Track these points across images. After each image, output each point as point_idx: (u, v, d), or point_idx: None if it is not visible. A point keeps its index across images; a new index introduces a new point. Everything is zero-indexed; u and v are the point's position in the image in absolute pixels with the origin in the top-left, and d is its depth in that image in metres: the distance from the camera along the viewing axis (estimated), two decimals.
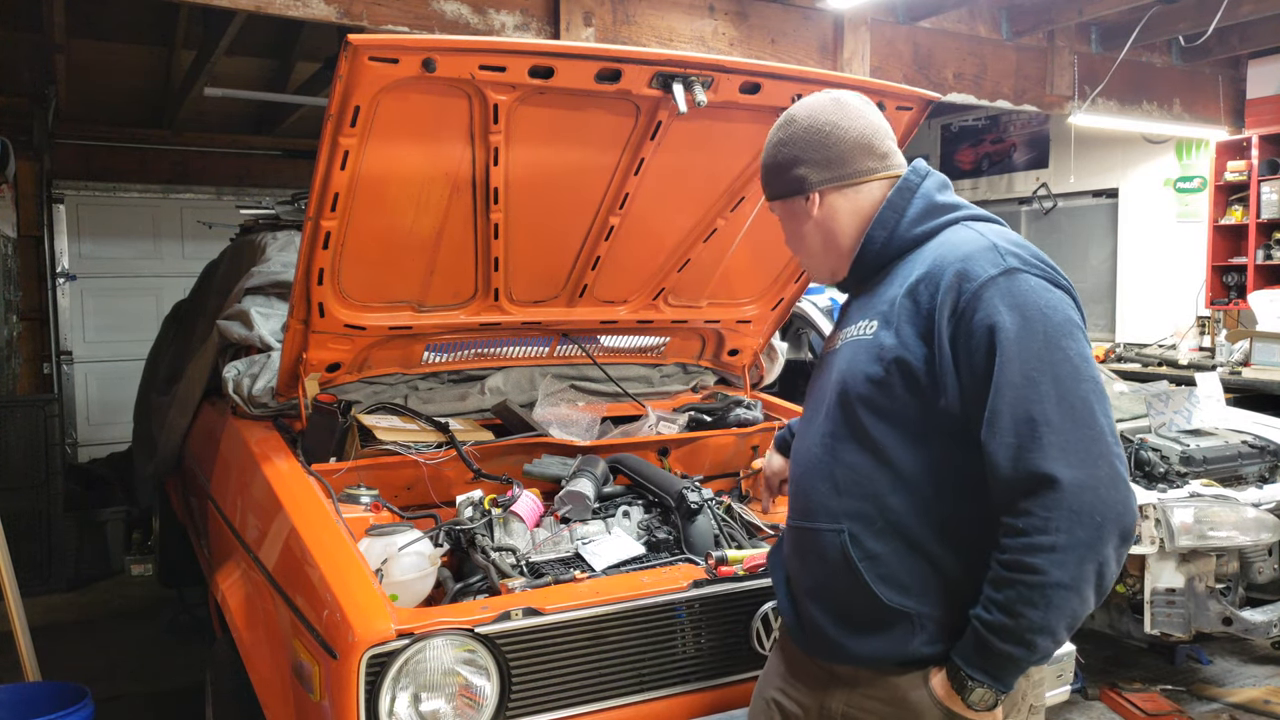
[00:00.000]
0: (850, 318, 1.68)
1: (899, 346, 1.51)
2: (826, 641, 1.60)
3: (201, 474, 3.22)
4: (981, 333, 1.44)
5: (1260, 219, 6.80)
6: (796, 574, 1.68)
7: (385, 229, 2.45)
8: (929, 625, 1.51)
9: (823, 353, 1.75)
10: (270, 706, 2.10)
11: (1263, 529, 3.50)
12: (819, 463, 1.61)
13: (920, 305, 1.51)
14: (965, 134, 9.42)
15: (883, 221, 1.64)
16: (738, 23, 5.02)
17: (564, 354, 3.22)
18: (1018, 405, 1.40)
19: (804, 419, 1.74)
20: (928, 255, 1.57)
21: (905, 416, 1.52)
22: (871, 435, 1.54)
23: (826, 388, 1.65)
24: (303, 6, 3.99)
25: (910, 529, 1.52)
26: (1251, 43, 6.50)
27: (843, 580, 1.55)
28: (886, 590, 1.52)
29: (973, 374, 1.45)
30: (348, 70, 2.01)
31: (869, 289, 1.67)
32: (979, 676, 1.44)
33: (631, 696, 2.00)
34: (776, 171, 1.73)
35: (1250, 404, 5.17)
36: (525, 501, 2.43)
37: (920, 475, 1.52)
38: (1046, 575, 1.36)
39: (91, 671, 4.02)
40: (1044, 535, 1.37)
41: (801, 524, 1.64)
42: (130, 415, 5.16)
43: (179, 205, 8.08)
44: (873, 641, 1.55)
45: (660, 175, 2.60)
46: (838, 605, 1.59)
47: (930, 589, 1.51)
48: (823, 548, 1.58)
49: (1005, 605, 1.39)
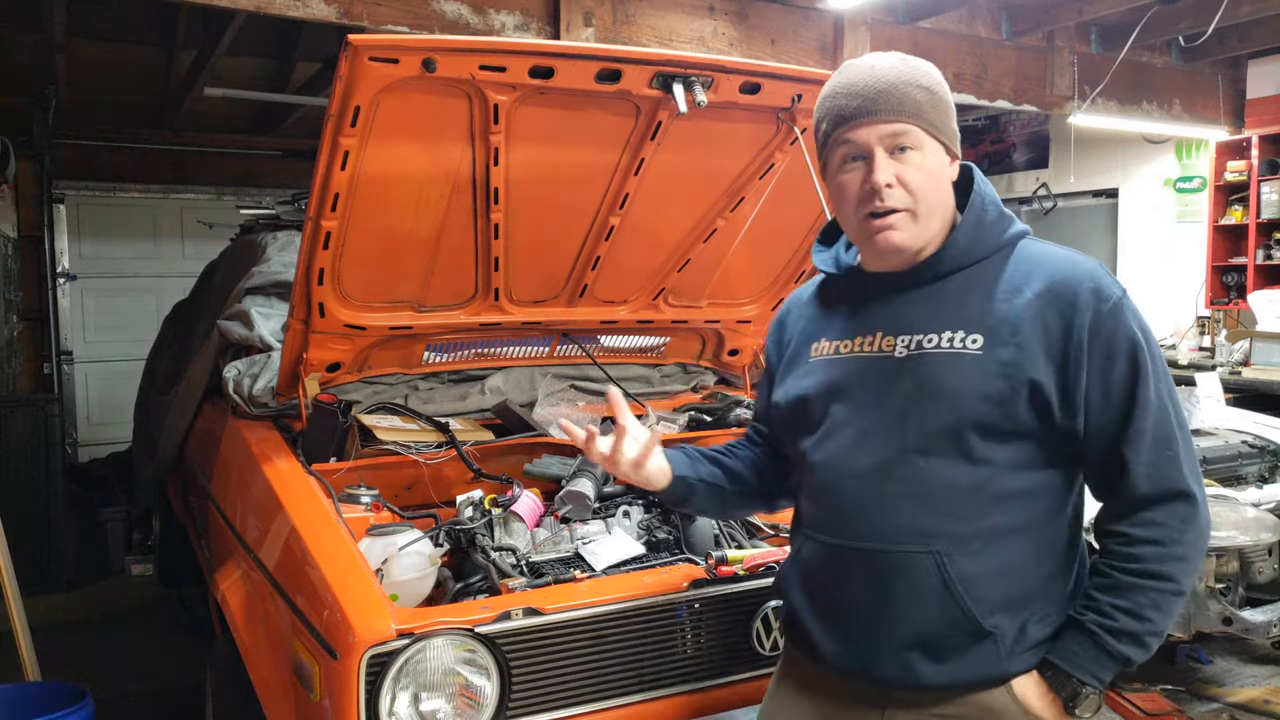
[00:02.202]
0: (909, 323, 1.53)
1: (1026, 365, 1.44)
2: (893, 666, 1.49)
3: (201, 474, 3.22)
4: (1125, 351, 1.45)
5: (1260, 219, 6.80)
6: (853, 599, 1.53)
7: (385, 229, 2.45)
8: (1007, 640, 1.48)
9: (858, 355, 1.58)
10: (270, 706, 2.10)
11: (1263, 529, 3.50)
12: (901, 481, 1.48)
13: (1049, 322, 1.45)
14: (965, 134, 9.29)
15: (979, 215, 1.54)
16: (738, 23, 5.02)
17: (564, 354, 3.22)
18: (1158, 425, 1.45)
19: (850, 430, 1.55)
20: (1031, 269, 1.50)
21: (1019, 435, 1.47)
22: (977, 454, 1.45)
23: (894, 398, 1.51)
24: (303, 6, 3.99)
25: (1005, 549, 1.48)
26: (1251, 43, 6.50)
27: (933, 604, 1.46)
28: (983, 611, 1.46)
29: (1109, 391, 1.45)
30: (348, 70, 2.01)
31: (927, 292, 1.54)
32: (1091, 681, 1.46)
33: (631, 696, 2.00)
34: (949, 112, 1.54)
35: (1250, 404, 5.17)
36: (525, 501, 2.43)
37: (1024, 494, 1.49)
38: (1177, 583, 1.45)
39: (91, 671, 4.02)
40: (1179, 546, 1.44)
41: (870, 545, 1.50)
42: (130, 415, 5.16)
43: (179, 205, 8.09)
44: (957, 664, 1.48)
45: (660, 175, 2.60)
46: (920, 629, 1.48)
47: (1012, 605, 1.49)
48: (909, 571, 1.47)
49: (1133, 610, 1.44)
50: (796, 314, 1.75)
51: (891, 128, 1.48)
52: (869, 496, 1.51)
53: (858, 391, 1.55)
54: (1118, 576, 1.45)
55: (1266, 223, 6.80)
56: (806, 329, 1.69)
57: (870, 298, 1.60)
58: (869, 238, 1.53)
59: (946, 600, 1.46)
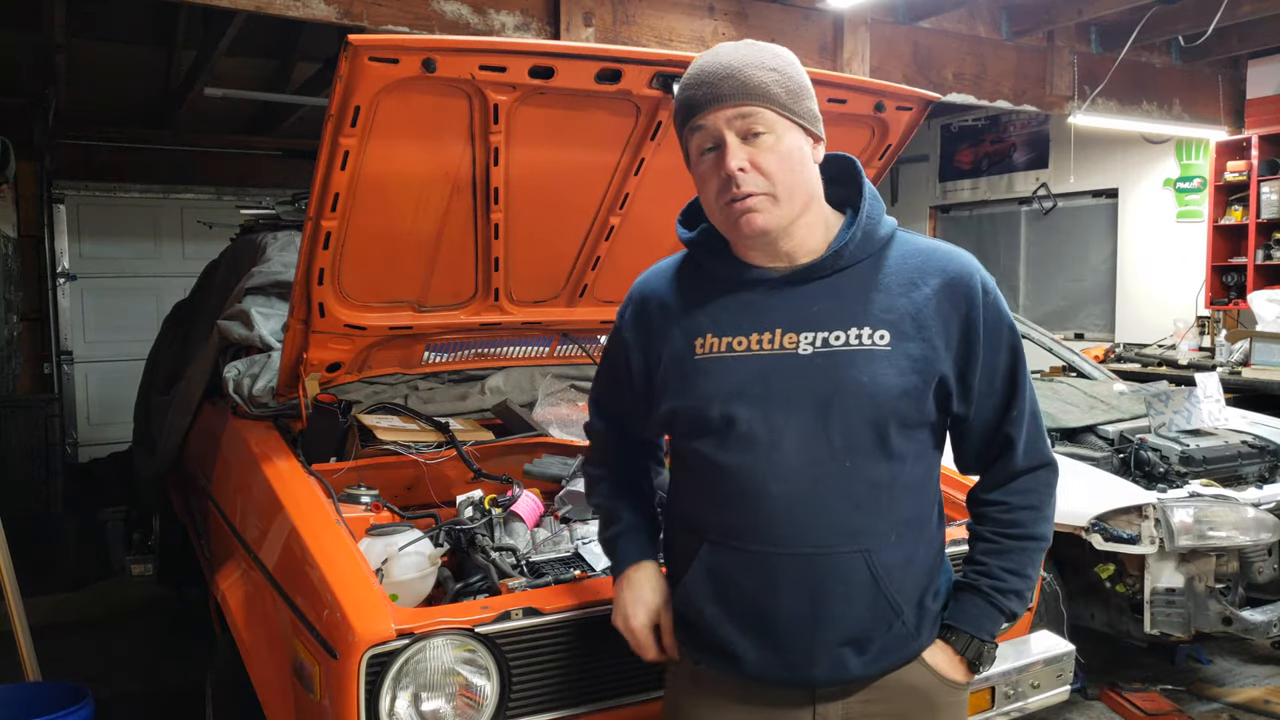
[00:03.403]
0: (811, 320, 1.50)
1: (933, 358, 1.49)
2: (825, 667, 1.50)
3: (202, 474, 3.22)
4: (1006, 340, 1.56)
5: (1260, 219, 6.80)
6: (784, 605, 1.48)
7: (385, 229, 2.45)
8: (912, 620, 1.54)
9: (757, 354, 1.51)
10: (270, 706, 2.10)
11: (1263, 529, 3.50)
12: (830, 482, 1.47)
13: (948, 316, 1.50)
14: (965, 134, 9.42)
15: (871, 211, 1.54)
16: (738, 23, 5.02)
17: (564, 354, 3.22)
18: (1031, 404, 1.60)
19: (764, 432, 1.48)
20: (921, 263, 1.52)
21: (923, 426, 1.53)
22: (894, 448, 1.49)
23: (808, 398, 1.47)
24: (303, 6, 3.99)
25: (909, 536, 1.53)
26: (1251, 43, 6.50)
27: (862, 601, 1.48)
28: (905, 600, 1.51)
29: (994, 377, 1.56)
30: (348, 70, 2.01)
31: (821, 288, 1.52)
32: (988, 639, 1.59)
33: (631, 696, 2.00)
34: (801, 93, 1.50)
35: (1250, 404, 5.17)
36: (525, 501, 2.43)
37: (920, 481, 1.56)
38: (1046, 540, 1.63)
39: (91, 671, 4.02)
40: (1048, 508, 1.62)
41: (801, 550, 1.47)
42: (130, 415, 5.16)
43: (179, 205, 8.09)
44: (880, 653, 1.52)
45: (660, 175, 2.60)
46: (849, 627, 1.49)
47: (918, 587, 1.55)
48: (842, 571, 1.47)
49: (1017, 570, 1.59)
50: (658, 301, 1.65)
51: (738, 110, 1.46)
52: (799, 500, 1.47)
53: (764, 393, 1.49)
54: (1004, 541, 1.60)
55: (1266, 223, 6.80)
56: (682, 321, 1.59)
57: (760, 292, 1.55)
58: (733, 223, 1.50)
59: (875, 595, 1.49)
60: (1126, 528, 3.47)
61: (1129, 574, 3.57)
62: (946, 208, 9.70)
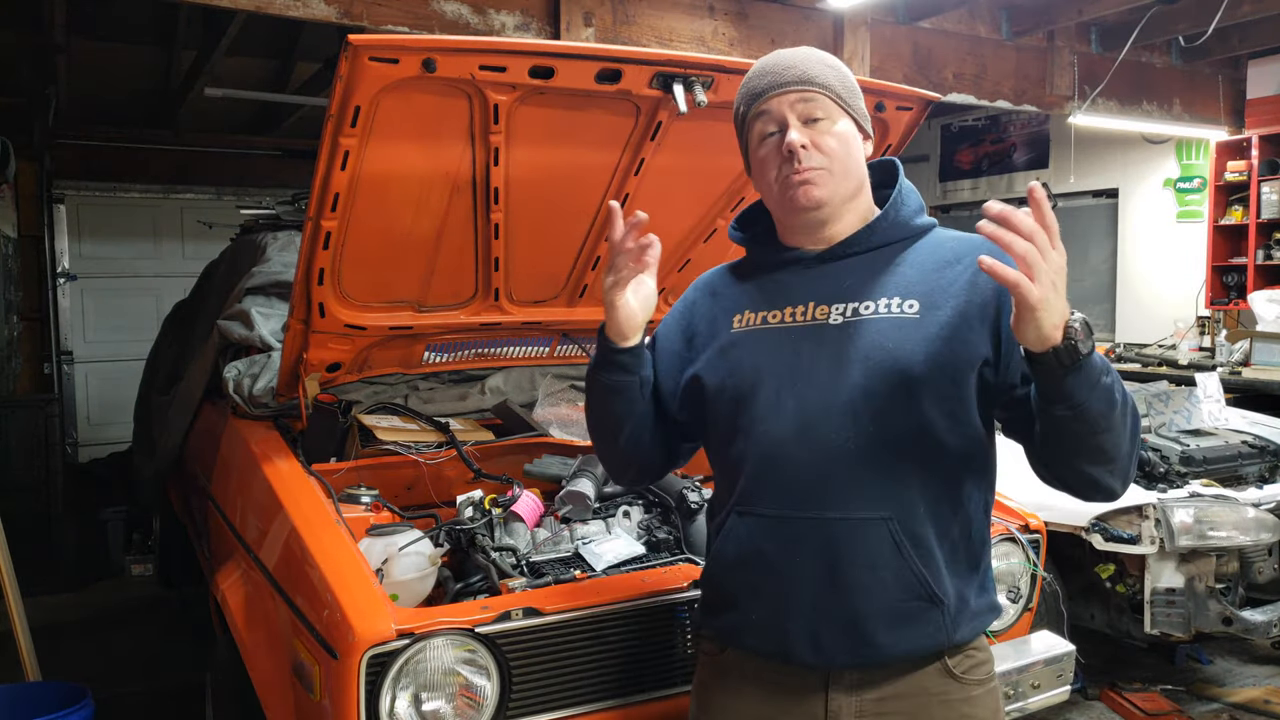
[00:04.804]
0: (842, 292, 1.54)
1: (963, 327, 1.48)
2: (844, 637, 1.47)
3: (202, 474, 3.23)
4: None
5: (1260, 219, 6.80)
6: (803, 569, 1.49)
7: (385, 229, 2.45)
8: (952, 608, 1.49)
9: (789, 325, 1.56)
10: (270, 706, 2.10)
11: (1263, 529, 3.50)
12: (857, 446, 1.47)
13: (984, 288, 1.48)
14: (965, 134, 9.42)
15: (904, 199, 1.61)
16: (738, 23, 5.02)
17: (564, 354, 3.22)
18: None
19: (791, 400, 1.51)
20: (957, 245, 1.56)
21: (959, 400, 1.49)
22: (922, 416, 1.47)
23: (836, 365, 1.50)
24: (303, 6, 3.99)
25: (944, 516, 1.50)
26: (1251, 43, 6.50)
27: (886, 570, 1.46)
28: (931, 581, 1.47)
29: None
30: (348, 70, 2.01)
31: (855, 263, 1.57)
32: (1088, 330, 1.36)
33: (632, 696, 2.00)
34: (855, 90, 1.60)
35: (1250, 404, 5.17)
36: (525, 501, 2.43)
37: (957, 463, 1.51)
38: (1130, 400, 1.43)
39: (91, 671, 4.02)
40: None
41: (821, 514, 1.48)
42: (130, 415, 5.16)
43: (179, 205, 8.09)
44: (910, 631, 1.48)
45: (660, 175, 2.60)
46: (871, 600, 1.46)
47: (955, 573, 1.51)
48: (863, 538, 1.46)
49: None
50: (710, 289, 1.73)
51: (801, 94, 1.53)
52: (821, 465, 1.48)
53: (794, 361, 1.53)
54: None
55: (1266, 223, 6.80)
56: (725, 305, 1.66)
57: (795, 270, 1.60)
58: (788, 195, 1.54)
59: (899, 566, 1.46)
60: (1127, 528, 3.47)
61: (1129, 574, 3.57)
62: (947, 208, 9.69)
